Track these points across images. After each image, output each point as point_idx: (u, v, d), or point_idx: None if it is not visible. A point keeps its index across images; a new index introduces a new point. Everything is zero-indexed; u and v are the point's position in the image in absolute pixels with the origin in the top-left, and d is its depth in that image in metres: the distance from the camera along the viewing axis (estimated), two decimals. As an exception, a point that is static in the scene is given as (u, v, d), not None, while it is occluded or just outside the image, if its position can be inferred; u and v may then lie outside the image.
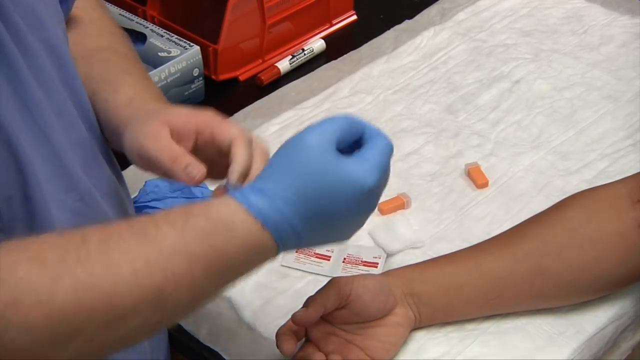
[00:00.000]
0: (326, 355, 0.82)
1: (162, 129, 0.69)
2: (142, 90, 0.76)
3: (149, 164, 0.70)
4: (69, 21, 0.80)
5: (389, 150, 0.65)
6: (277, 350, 0.86)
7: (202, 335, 0.90)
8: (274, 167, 0.63)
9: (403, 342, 0.85)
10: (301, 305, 0.85)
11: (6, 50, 0.64)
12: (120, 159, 0.80)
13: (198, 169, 0.66)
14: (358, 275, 0.85)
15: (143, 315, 0.56)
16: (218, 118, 0.70)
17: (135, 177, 1.05)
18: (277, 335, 0.81)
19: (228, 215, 0.60)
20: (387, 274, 0.87)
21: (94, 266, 0.54)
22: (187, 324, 0.91)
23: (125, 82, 0.76)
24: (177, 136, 0.69)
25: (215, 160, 0.69)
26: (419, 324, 0.86)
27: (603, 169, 1.08)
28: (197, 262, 0.58)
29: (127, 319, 0.56)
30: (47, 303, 0.52)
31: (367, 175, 0.62)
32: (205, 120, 0.70)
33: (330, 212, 0.62)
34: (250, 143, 0.68)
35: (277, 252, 0.63)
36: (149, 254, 0.56)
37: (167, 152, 0.67)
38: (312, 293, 0.89)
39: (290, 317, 0.89)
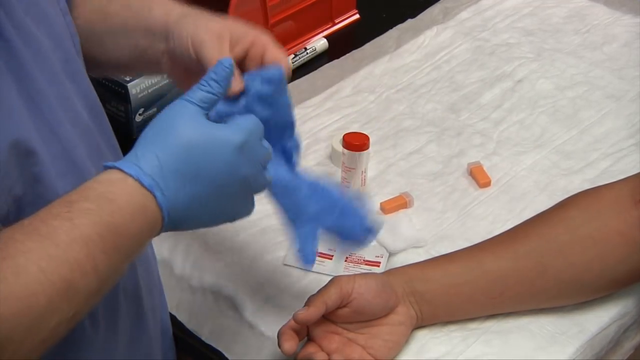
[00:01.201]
0: (328, 354, 0.82)
1: (225, 32, 0.74)
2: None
3: (191, 64, 0.73)
4: None
5: (255, 121, 0.69)
6: (279, 349, 0.86)
7: (205, 334, 0.90)
8: (144, 136, 0.65)
9: (405, 340, 0.85)
10: (303, 304, 0.85)
11: (12, 46, 0.64)
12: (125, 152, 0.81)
13: (237, 82, 0.71)
14: (359, 274, 0.85)
15: (59, 311, 0.57)
16: (273, 41, 0.75)
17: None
18: (278, 334, 0.81)
19: (106, 188, 0.61)
20: (388, 272, 0.87)
21: (5, 274, 0.55)
22: (190, 323, 0.91)
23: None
24: (234, 42, 0.74)
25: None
26: (421, 323, 0.86)
27: (605, 168, 1.08)
28: (93, 244, 0.59)
29: (46, 318, 0.57)
30: None
31: (231, 134, 0.65)
32: (262, 39, 0.75)
33: (203, 172, 0.64)
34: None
35: (162, 215, 0.63)
36: (48, 250, 0.57)
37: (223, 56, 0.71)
38: (314, 292, 0.90)
39: (289, 313, 0.90)
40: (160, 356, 0.84)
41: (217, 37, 0.73)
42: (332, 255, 0.96)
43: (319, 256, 0.96)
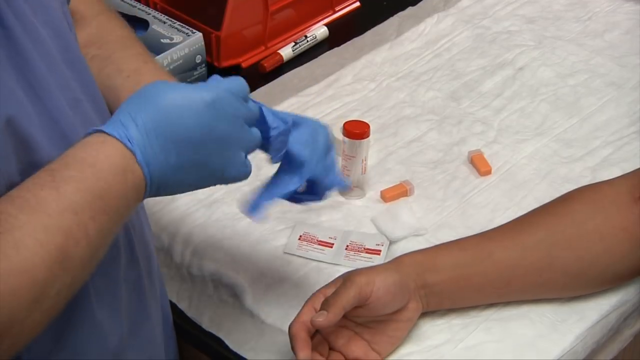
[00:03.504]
0: (333, 349, 0.82)
1: None
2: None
3: None
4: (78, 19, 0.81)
5: (236, 81, 0.69)
6: (279, 337, 0.86)
7: (205, 322, 0.90)
8: (124, 105, 0.65)
9: (408, 333, 0.85)
10: (303, 292, 0.86)
11: (13, 34, 0.64)
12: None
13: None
14: (377, 271, 0.82)
15: (58, 280, 0.58)
16: None
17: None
18: (291, 335, 0.79)
19: (85, 152, 0.62)
20: (401, 263, 0.85)
21: (5, 250, 0.56)
22: (190, 311, 0.91)
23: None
24: None
25: None
26: (424, 310, 0.86)
27: (606, 156, 1.08)
28: (82, 211, 0.60)
29: (47, 289, 0.58)
30: None
31: (203, 91, 0.66)
32: None
33: (179, 130, 0.65)
34: None
35: (145, 176, 0.64)
36: (42, 220, 0.58)
37: None
38: (315, 280, 0.90)
39: (289, 301, 0.90)
40: (162, 342, 0.84)
41: None
42: (333, 244, 0.96)
43: (320, 244, 0.96)
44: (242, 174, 0.71)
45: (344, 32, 1.30)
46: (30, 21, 0.66)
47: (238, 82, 0.69)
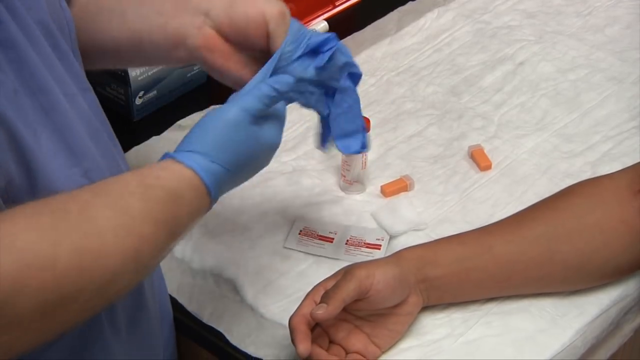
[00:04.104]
0: (332, 342, 0.82)
1: (285, 10, 0.81)
2: None
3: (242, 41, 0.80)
4: None
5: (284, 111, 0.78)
6: (279, 331, 0.87)
7: (206, 316, 0.90)
8: (203, 135, 0.72)
9: (408, 327, 0.85)
10: (303, 287, 0.86)
11: (7, 28, 0.64)
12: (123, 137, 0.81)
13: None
14: (377, 265, 0.82)
15: (127, 275, 0.64)
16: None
17: (137, 160, 1.06)
18: (291, 328, 0.80)
19: (177, 186, 0.69)
20: (401, 257, 0.85)
21: (85, 232, 0.60)
22: (191, 306, 0.91)
23: None
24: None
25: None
26: (425, 305, 0.86)
27: (607, 151, 1.08)
28: (160, 226, 0.66)
29: (117, 280, 0.63)
30: (53, 267, 0.57)
31: (276, 138, 0.76)
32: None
33: (248, 167, 0.75)
34: None
35: (211, 200, 0.72)
36: (123, 220, 0.63)
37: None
38: (315, 275, 0.90)
39: (289, 295, 0.90)
40: (161, 337, 0.84)
41: (280, 15, 0.80)
42: (333, 239, 0.96)
43: (320, 239, 0.96)
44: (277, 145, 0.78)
45: (344, 26, 1.30)
46: (23, 17, 0.67)
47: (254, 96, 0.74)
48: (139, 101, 1.13)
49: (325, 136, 0.87)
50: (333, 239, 0.96)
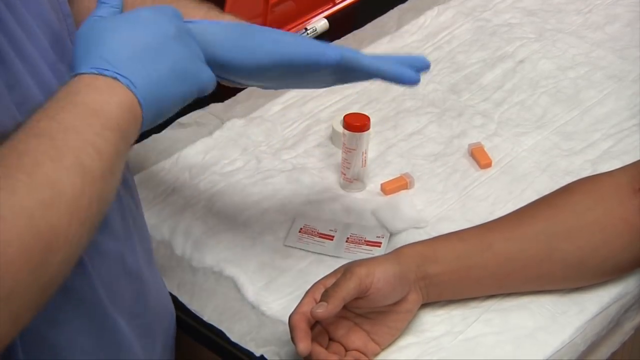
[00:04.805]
0: (333, 339, 0.82)
1: None
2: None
3: None
4: None
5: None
6: (280, 328, 0.87)
7: (207, 314, 0.90)
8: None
9: (407, 325, 0.86)
10: (304, 284, 0.86)
11: (4, 21, 0.64)
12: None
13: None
14: (377, 263, 0.82)
15: (86, 193, 0.60)
16: None
17: (137, 158, 1.06)
18: (291, 326, 0.80)
19: (86, 96, 0.63)
20: (401, 254, 0.85)
21: (26, 169, 0.57)
22: (192, 304, 0.91)
23: None
24: None
25: None
26: (424, 302, 0.86)
27: (607, 149, 1.08)
28: (83, 130, 0.61)
29: (80, 201, 0.59)
30: (31, 217, 0.55)
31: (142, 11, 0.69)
32: None
33: (150, 48, 0.67)
34: None
35: (139, 104, 0.65)
36: (48, 144, 0.59)
37: None
38: (315, 272, 0.90)
39: (289, 293, 0.90)
40: (162, 334, 0.85)
41: None
42: (333, 236, 0.96)
43: (320, 237, 0.96)
44: (212, 77, 0.72)
45: (344, 24, 1.30)
46: (21, 12, 0.67)
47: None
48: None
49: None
50: (333, 236, 0.96)
